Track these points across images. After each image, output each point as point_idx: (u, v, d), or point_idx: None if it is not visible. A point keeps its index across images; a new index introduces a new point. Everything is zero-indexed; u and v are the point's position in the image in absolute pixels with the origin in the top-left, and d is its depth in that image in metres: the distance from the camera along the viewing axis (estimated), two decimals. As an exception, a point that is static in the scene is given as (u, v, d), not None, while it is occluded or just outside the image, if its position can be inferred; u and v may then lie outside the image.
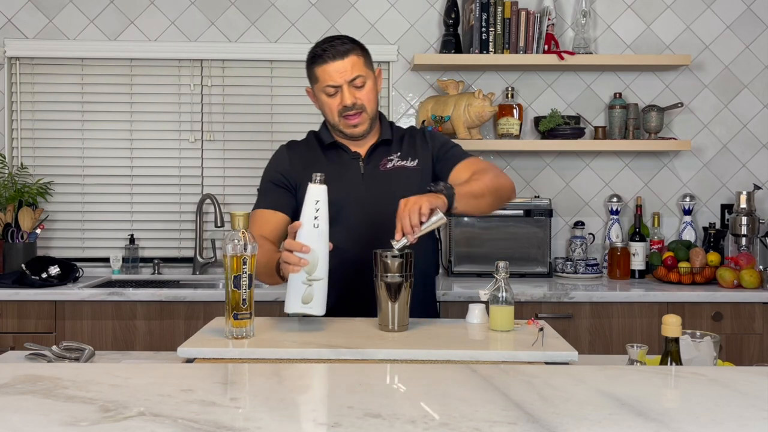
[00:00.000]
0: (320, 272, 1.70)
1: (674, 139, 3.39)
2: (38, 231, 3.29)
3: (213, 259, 3.43)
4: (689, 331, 1.54)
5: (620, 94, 3.43)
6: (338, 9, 3.47)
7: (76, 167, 3.49)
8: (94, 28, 3.45)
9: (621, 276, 3.24)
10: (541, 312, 2.85)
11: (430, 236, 2.03)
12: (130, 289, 2.93)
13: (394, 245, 1.74)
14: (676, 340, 1.41)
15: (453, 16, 3.38)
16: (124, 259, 3.38)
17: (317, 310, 1.72)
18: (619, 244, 3.28)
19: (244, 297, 1.67)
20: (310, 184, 1.71)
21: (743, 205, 3.25)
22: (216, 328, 1.78)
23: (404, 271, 1.76)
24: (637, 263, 3.28)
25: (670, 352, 1.41)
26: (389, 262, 1.76)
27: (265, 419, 1.02)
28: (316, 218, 1.70)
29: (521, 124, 3.38)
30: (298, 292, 1.70)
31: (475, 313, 1.87)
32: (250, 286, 1.68)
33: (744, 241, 3.23)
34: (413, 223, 1.71)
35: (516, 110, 3.37)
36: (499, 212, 3.22)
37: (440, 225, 1.75)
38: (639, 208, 3.39)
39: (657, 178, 3.51)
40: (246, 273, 1.66)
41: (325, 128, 2.11)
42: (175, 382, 1.20)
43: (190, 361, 1.59)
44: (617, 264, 3.25)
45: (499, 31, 3.32)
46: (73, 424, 0.99)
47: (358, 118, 2.00)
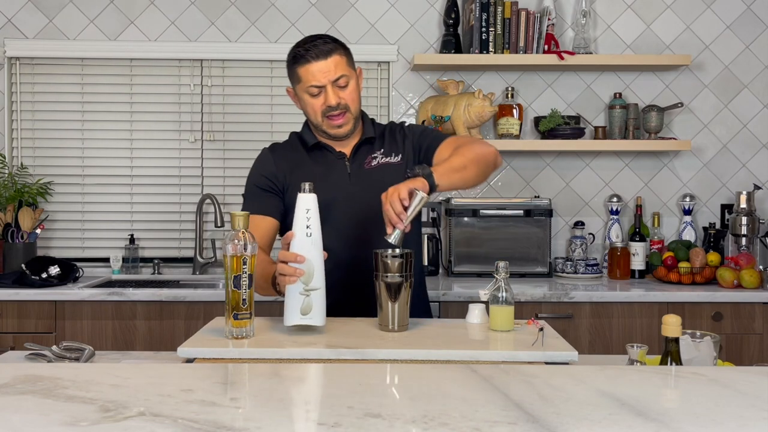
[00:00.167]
0: (317, 281, 1.70)
1: (674, 139, 3.39)
2: (38, 231, 3.29)
3: (213, 259, 3.43)
4: (689, 331, 1.54)
5: (620, 94, 3.43)
6: (338, 9, 3.47)
7: (76, 167, 3.49)
8: (94, 28, 3.45)
9: (621, 276, 3.24)
10: (541, 312, 2.85)
11: (416, 238, 2.04)
12: (130, 289, 2.93)
13: (389, 239, 1.74)
14: (676, 340, 1.41)
15: (453, 16, 3.38)
16: (124, 259, 3.38)
17: (317, 321, 1.71)
18: (619, 244, 3.27)
19: (244, 297, 1.67)
20: (300, 193, 1.71)
21: (743, 205, 3.25)
22: (216, 328, 1.78)
23: (404, 271, 1.76)
24: (637, 263, 3.28)
25: (670, 352, 1.41)
26: (389, 262, 1.76)
27: (265, 419, 1.02)
28: (308, 227, 1.69)
29: (521, 124, 3.38)
30: (297, 304, 1.70)
31: (475, 313, 1.87)
32: (250, 286, 1.68)
33: (744, 241, 3.23)
34: (397, 211, 1.72)
35: (516, 110, 3.37)
36: (499, 212, 3.24)
37: (424, 203, 1.75)
38: (639, 208, 3.39)
39: (657, 178, 3.51)
40: (246, 273, 1.66)
41: (308, 129, 2.09)
42: (175, 382, 1.20)
43: (190, 361, 1.59)
44: (617, 264, 3.25)
45: (499, 31, 3.32)
46: (73, 424, 0.99)
47: (342, 118, 1.99)
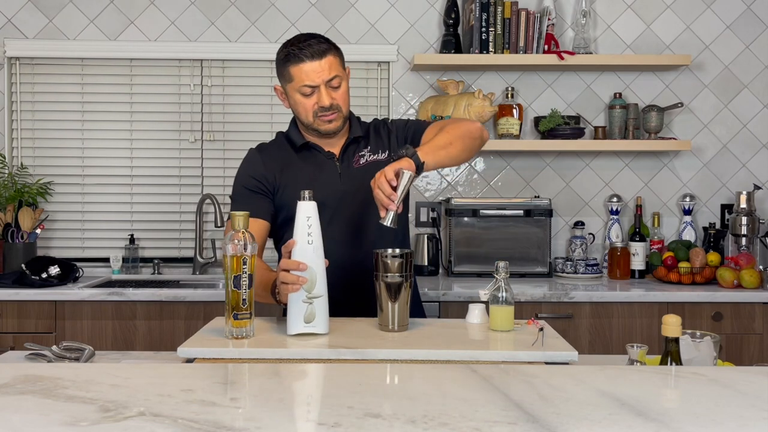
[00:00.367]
0: (319, 289, 1.70)
1: (674, 139, 3.39)
2: (38, 231, 3.29)
3: (213, 259, 3.43)
4: (689, 331, 1.54)
5: (620, 94, 3.43)
6: (338, 9, 3.47)
7: (76, 167, 3.49)
8: (94, 28, 3.45)
9: (621, 276, 3.24)
10: (541, 312, 2.85)
11: (403, 220, 2.06)
12: (130, 289, 2.93)
13: (383, 222, 1.75)
14: (676, 340, 1.41)
15: (453, 16, 3.38)
16: (124, 259, 3.38)
17: (321, 328, 1.71)
18: (619, 244, 3.27)
19: (244, 297, 1.67)
20: (300, 201, 1.71)
21: (743, 205, 3.25)
22: (216, 328, 1.78)
23: (404, 271, 1.76)
24: (637, 263, 3.28)
25: (670, 352, 1.41)
26: (389, 262, 1.76)
27: (265, 419, 1.02)
28: (309, 234, 1.70)
29: (521, 124, 3.38)
30: (300, 312, 1.70)
31: (475, 313, 1.87)
32: (250, 286, 1.68)
33: (744, 241, 3.22)
34: (387, 193, 1.73)
35: (516, 110, 3.37)
36: (499, 212, 3.24)
37: (413, 181, 1.77)
38: (639, 208, 3.39)
39: (657, 178, 3.51)
40: (246, 273, 1.66)
41: (295, 128, 2.09)
42: (175, 382, 1.20)
43: (190, 361, 1.59)
44: (617, 264, 3.25)
45: (499, 31, 3.32)
46: (73, 424, 0.99)
47: (333, 117, 2.00)
